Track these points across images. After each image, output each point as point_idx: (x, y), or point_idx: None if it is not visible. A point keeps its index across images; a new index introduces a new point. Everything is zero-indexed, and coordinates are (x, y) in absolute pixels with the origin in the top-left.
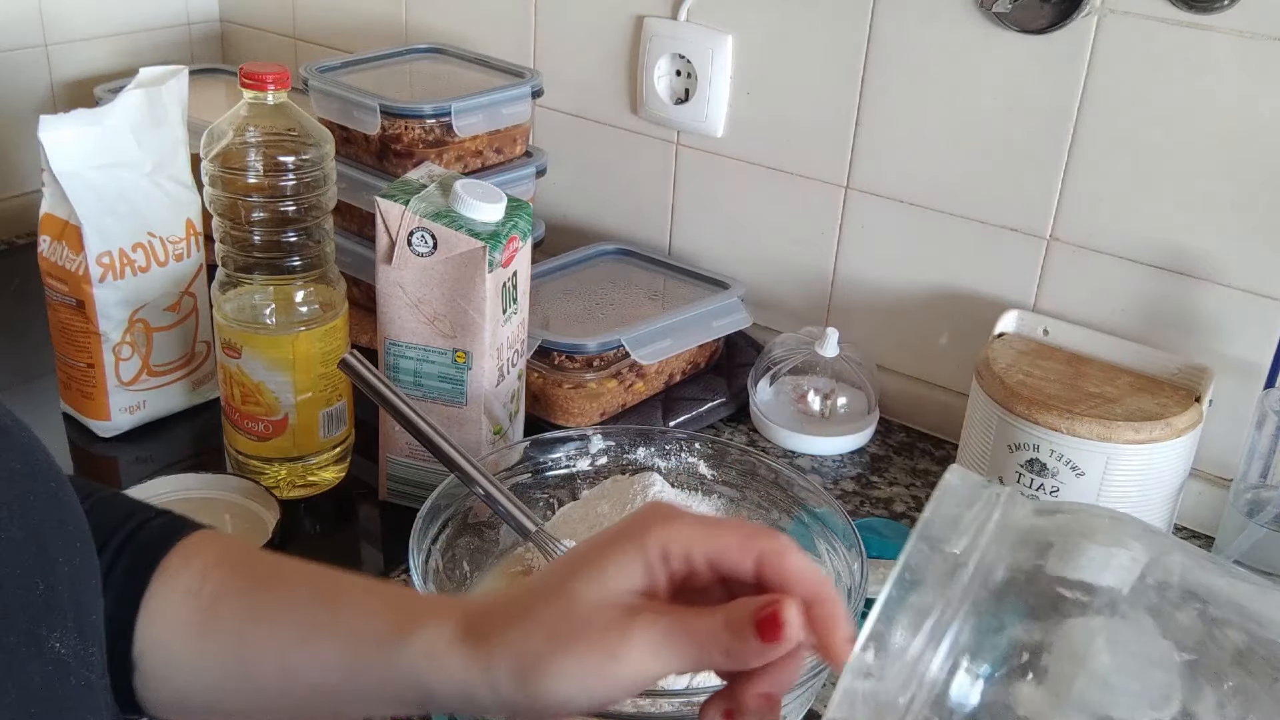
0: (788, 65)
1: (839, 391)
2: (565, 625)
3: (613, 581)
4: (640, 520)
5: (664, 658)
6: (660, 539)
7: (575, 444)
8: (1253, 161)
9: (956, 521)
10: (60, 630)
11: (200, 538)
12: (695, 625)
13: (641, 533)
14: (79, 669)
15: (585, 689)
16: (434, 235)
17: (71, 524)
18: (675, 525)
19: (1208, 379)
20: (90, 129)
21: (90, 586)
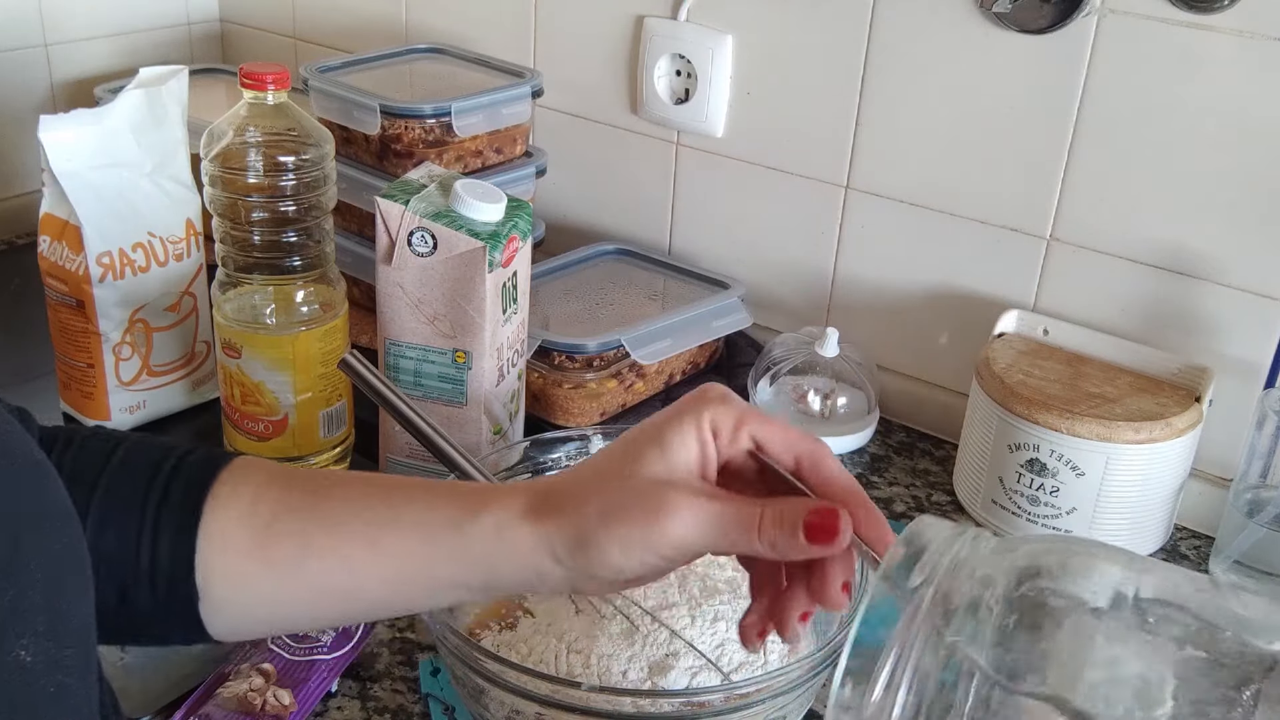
0: (788, 65)
1: (839, 391)
2: (619, 497)
3: (671, 455)
4: (696, 396)
5: (708, 532)
6: (713, 413)
7: (575, 444)
8: (1253, 161)
9: (918, 560)
10: (28, 637)
11: (244, 462)
12: (744, 510)
13: (697, 407)
14: (47, 674)
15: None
16: (434, 235)
17: (54, 520)
18: (728, 403)
19: (1208, 379)
20: (90, 129)
21: (70, 583)
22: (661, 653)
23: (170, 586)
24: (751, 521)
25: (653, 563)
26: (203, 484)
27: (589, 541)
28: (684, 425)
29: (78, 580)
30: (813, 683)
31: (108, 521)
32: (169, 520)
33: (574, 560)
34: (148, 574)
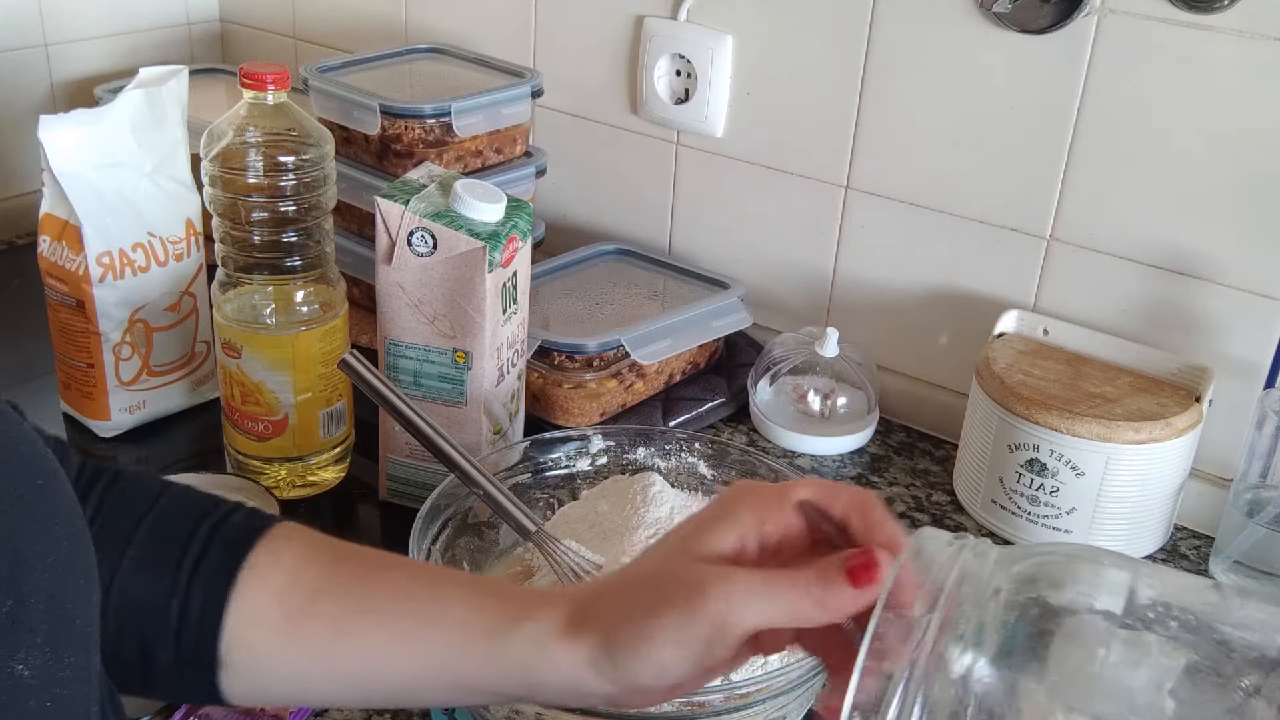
0: (788, 65)
1: (839, 391)
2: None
3: (705, 544)
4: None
5: (756, 606)
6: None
7: (575, 444)
8: (1252, 161)
9: (920, 583)
10: (26, 649)
11: (285, 530)
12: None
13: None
14: (44, 687)
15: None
16: (434, 235)
17: (60, 522)
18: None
19: (1208, 379)
20: (90, 129)
21: (76, 587)
22: None
23: (195, 649)
24: (796, 581)
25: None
26: (242, 549)
27: (630, 644)
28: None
29: (82, 582)
30: (813, 683)
31: (142, 571)
32: (202, 582)
33: (616, 669)
34: (174, 632)
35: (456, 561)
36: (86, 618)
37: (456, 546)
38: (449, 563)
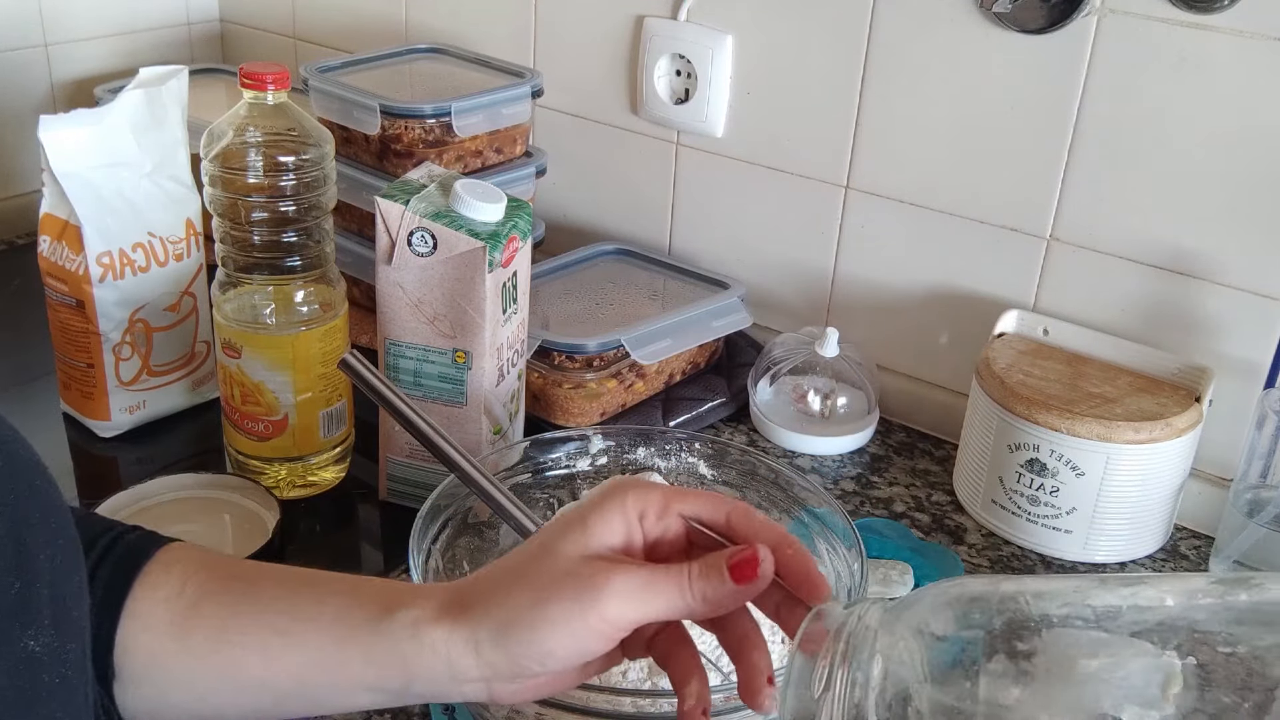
0: (788, 65)
1: (839, 391)
2: (547, 579)
3: (595, 538)
4: (618, 485)
5: (642, 602)
6: (637, 496)
7: (575, 444)
8: (1252, 161)
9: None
10: (35, 628)
11: (180, 547)
12: (671, 571)
13: (621, 493)
14: (53, 666)
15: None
16: (434, 235)
17: (54, 519)
18: (652, 489)
19: (1208, 379)
20: (90, 129)
21: (72, 582)
22: None
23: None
24: (681, 578)
25: (586, 642)
26: (136, 562)
27: (518, 625)
28: (607, 509)
29: (78, 579)
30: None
31: None
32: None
33: (498, 650)
34: None
35: (457, 561)
36: (81, 612)
37: (456, 546)
38: (449, 563)
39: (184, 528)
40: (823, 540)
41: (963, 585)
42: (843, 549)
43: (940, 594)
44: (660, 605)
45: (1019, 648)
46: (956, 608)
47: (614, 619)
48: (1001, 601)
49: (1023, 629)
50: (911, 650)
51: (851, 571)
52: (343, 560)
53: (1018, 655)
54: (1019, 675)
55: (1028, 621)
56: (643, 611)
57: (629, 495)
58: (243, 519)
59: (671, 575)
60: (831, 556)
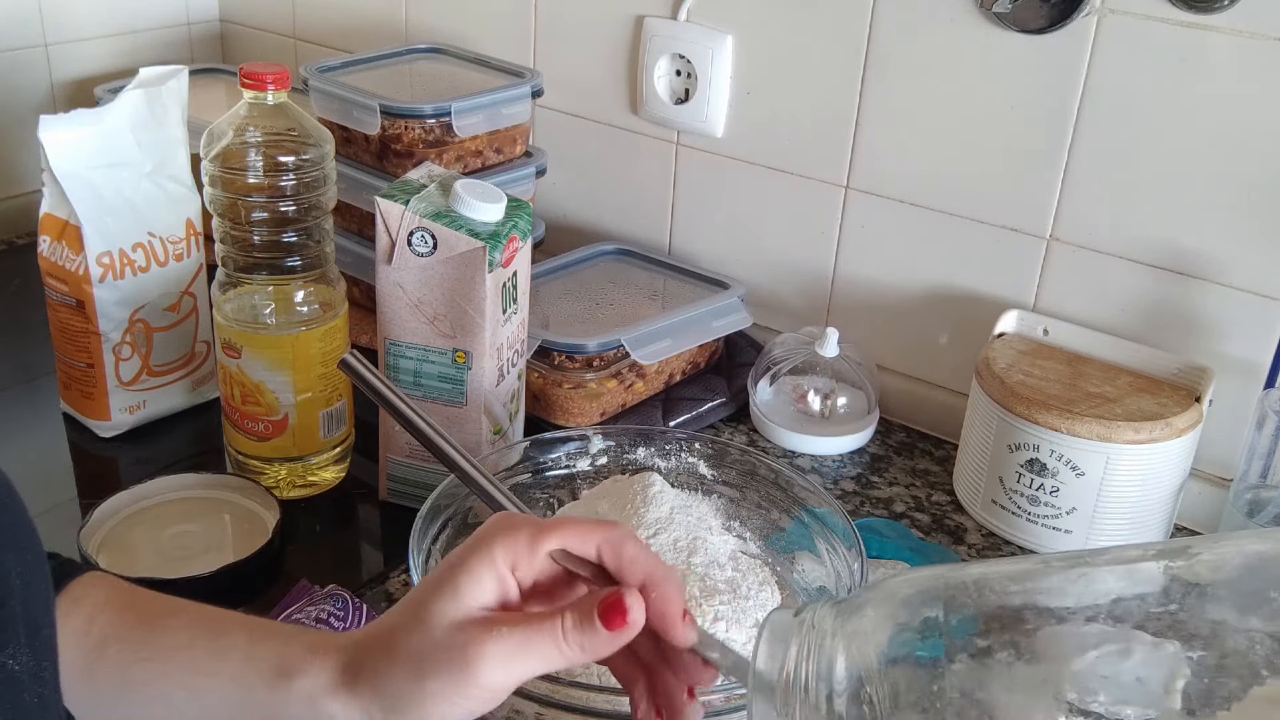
0: (788, 65)
1: (839, 391)
2: (423, 652)
3: (466, 599)
4: (485, 535)
5: (520, 663)
6: (507, 549)
7: (575, 444)
8: (1252, 161)
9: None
10: (13, 646)
11: (90, 579)
12: (545, 627)
13: (488, 547)
14: (32, 685)
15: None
16: (434, 235)
17: (23, 536)
18: (518, 533)
19: (1208, 379)
20: (90, 129)
21: (41, 599)
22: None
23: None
24: (555, 633)
25: (472, 707)
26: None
27: (404, 702)
28: (476, 568)
29: (47, 596)
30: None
31: None
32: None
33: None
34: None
35: None
36: (51, 631)
37: (456, 546)
38: None
39: (184, 528)
40: (823, 540)
41: (912, 582)
42: (843, 549)
43: (891, 594)
44: (538, 664)
45: (979, 644)
46: (911, 607)
47: (492, 686)
48: (954, 592)
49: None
50: (871, 648)
51: (851, 571)
52: (343, 560)
53: (983, 648)
54: (984, 665)
55: (991, 610)
56: (521, 673)
57: (496, 549)
58: (243, 519)
59: (546, 631)
60: (831, 556)
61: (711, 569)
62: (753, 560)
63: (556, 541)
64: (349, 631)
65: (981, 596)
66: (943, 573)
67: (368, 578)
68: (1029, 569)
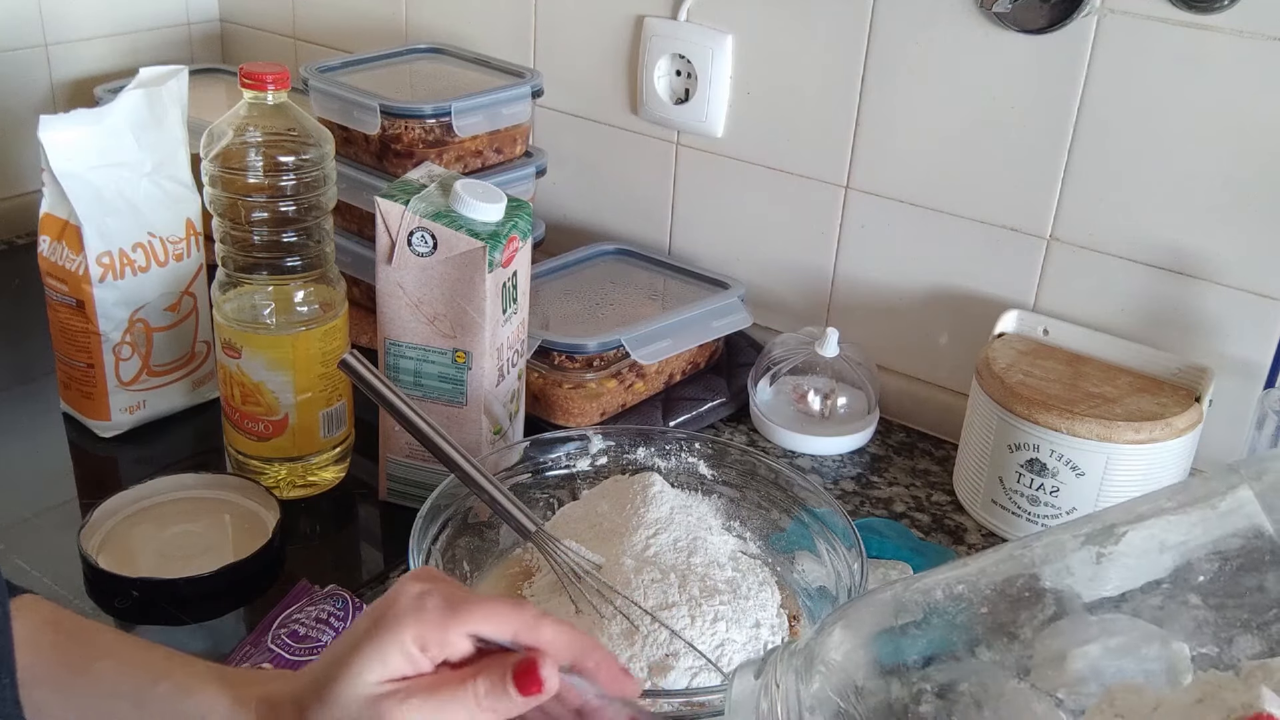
0: (788, 65)
1: (839, 391)
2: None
3: (372, 674)
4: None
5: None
6: (416, 633)
7: (575, 444)
8: (1252, 161)
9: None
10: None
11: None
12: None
13: (397, 627)
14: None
15: None
16: (434, 235)
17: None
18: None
19: (1208, 379)
20: (90, 129)
21: (0, 615)
22: (661, 653)
23: None
24: (468, 697)
25: None
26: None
27: None
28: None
29: (2, 609)
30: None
31: None
32: None
33: None
34: None
35: (457, 561)
36: (7, 648)
37: (456, 546)
38: (449, 563)
39: (184, 528)
40: (823, 540)
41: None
42: (843, 549)
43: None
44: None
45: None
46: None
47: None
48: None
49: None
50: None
51: (851, 571)
52: (343, 560)
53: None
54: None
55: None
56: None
57: (406, 631)
58: (243, 519)
59: (459, 696)
60: (831, 556)
61: (711, 569)
62: (753, 560)
63: (470, 627)
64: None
65: (931, 610)
66: (888, 596)
67: (368, 578)
68: (972, 574)
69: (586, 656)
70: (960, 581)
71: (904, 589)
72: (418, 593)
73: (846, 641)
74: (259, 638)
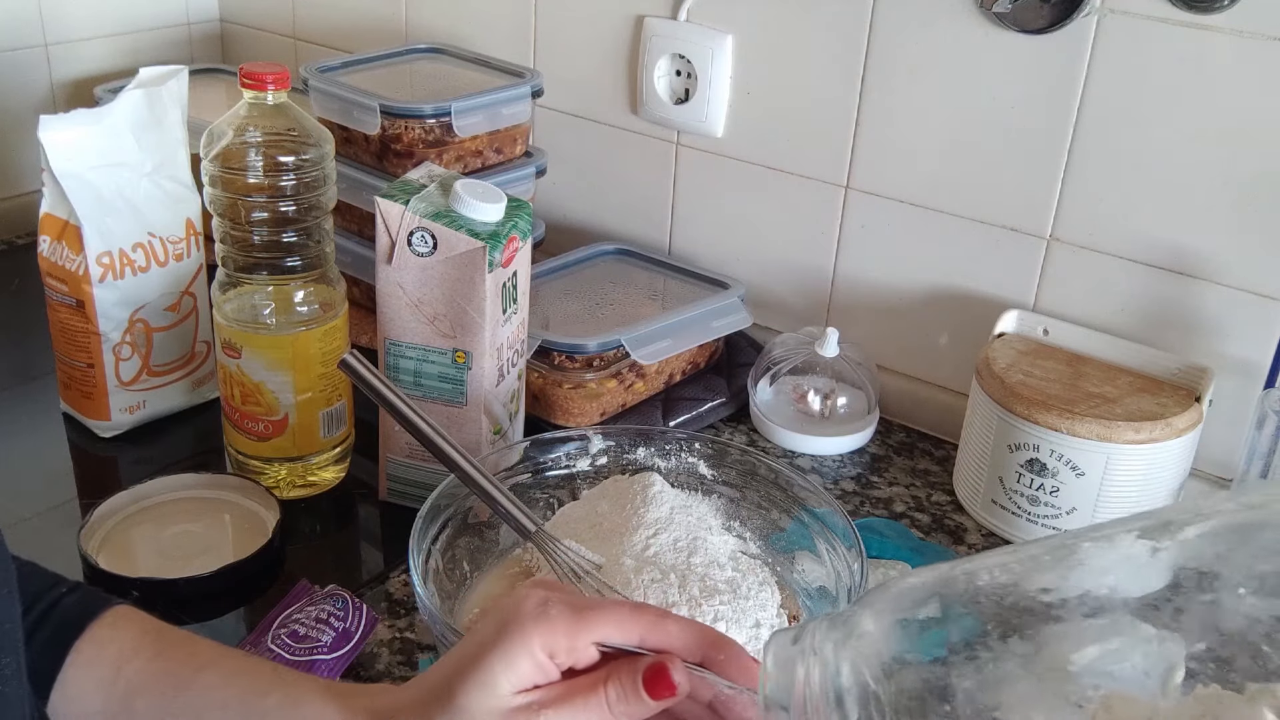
0: (788, 65)
1: (839, 391)
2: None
3: (501, 687)
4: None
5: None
6: (544, 641)
7: (575, 444)
8: (1253, 161)
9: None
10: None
11: (115, 616)
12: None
13: (524, 636)
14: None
15: None
16: (434, 235)
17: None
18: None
19: (1208, 379)
20: (90, 129)
21: (3, 595)
22: None
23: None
24: (600, 705)
25: None
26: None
27: None
28: (514, 655)
29: (9, 592)
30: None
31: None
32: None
33: None
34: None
35: (457, 561)
36: (13, 623)
37: (456, 546)
38: (449, 563)
39: (184, 528)
40: (823, 540)
41: (904, 591)
42: (843, 549)
43: (885, 605)
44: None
45: (980, 645)
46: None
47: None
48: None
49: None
50: (873, 663)
51: (851, 571)
52: (343, 560)
53: (983, 649)
54: (986, 666)
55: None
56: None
57: (534, 639)
58: (243, 519)
59: (591, 705)
60: (831, 556)
61: (711, 569)
62: (753, 560)
63: (596, 635)
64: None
65: (977, 595)
66: (934, 575)
67: (368, 578)
68: (1022, 560)
69: (716, 651)
70: (1005, 570)
71: (949, 570)
72: (541, 600)
73: (884, 619)
74: (259, 638)
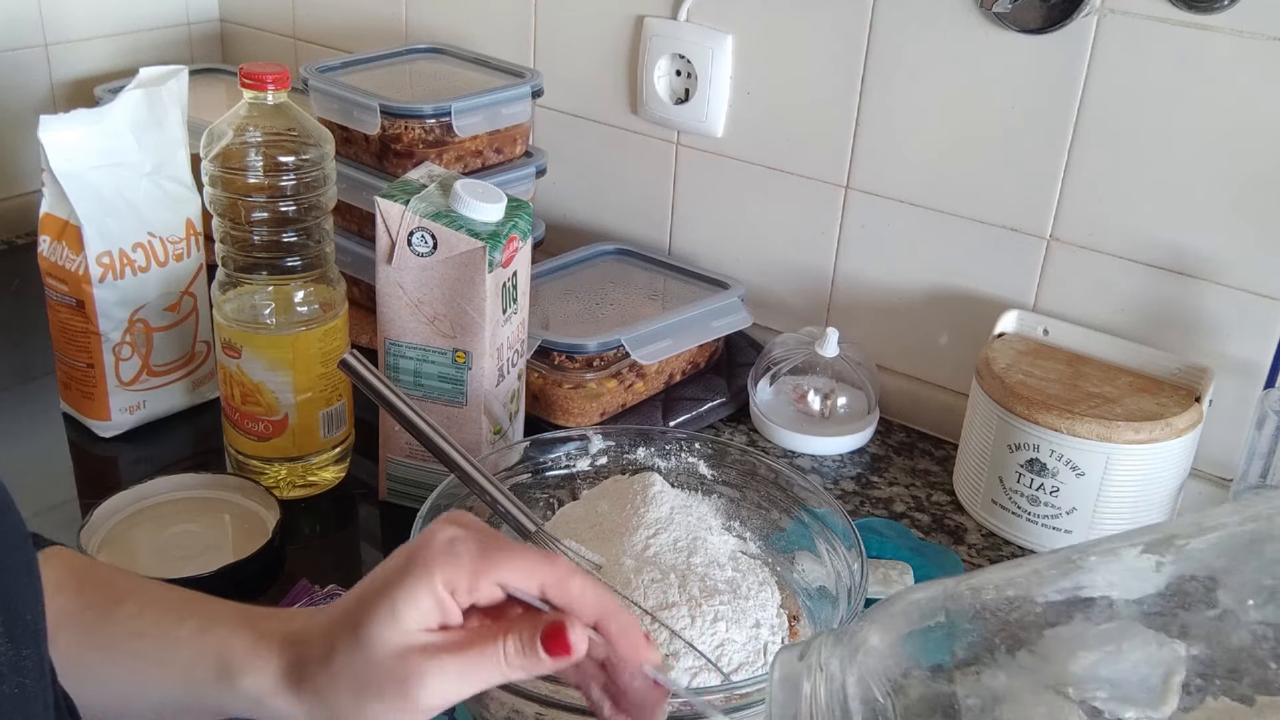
0: (788, 65)
1: (839, 391)
2: (364, 674)
3: (405, 621)
4: (424, 556)
5: (461, 688)
6: (447, 576)
7: (575, 444)
8: (1253, 161)
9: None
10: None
11: (46, 556)
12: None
13: (427, 571)
14: (10, 675)
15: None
16: (434, 235)
17: (6, 523)
18: (460, 561)
19: (1208, 379)
20: (90, 129)
21: (25, 585)
22: (661, 653)
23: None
24: (496, 658)
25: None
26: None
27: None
28: (415, 589)
29: (31, 581)
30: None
31: None
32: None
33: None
34: None
35: None
36: (35, 614)
37: None
38: None
39: (184, 528)
40: (823, 540)
41: (911, 606)
42: (843, 549)
43: (890, 620)
44: (479, 687)
45: (984, 657)
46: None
47: (433, 708)
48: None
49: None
50: (879, 677)
51: (851, 571)
52: (343, 560)
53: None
54: (990, 677)
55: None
56: (460, 694)
57: (436, 573)
58: (243, 519)
59: (487, 655)
60: (831, 556)
61: (711, 569)
62: (753, 560)
63: (499, 576)
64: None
65: (982, 610)
66: (940, 590)
67: None
68: (1027, 575)
69: (610, 620)
70: (1010, 584)
71: (955, 585)
72: (450, 537)
73: (890, 633)
74: None
